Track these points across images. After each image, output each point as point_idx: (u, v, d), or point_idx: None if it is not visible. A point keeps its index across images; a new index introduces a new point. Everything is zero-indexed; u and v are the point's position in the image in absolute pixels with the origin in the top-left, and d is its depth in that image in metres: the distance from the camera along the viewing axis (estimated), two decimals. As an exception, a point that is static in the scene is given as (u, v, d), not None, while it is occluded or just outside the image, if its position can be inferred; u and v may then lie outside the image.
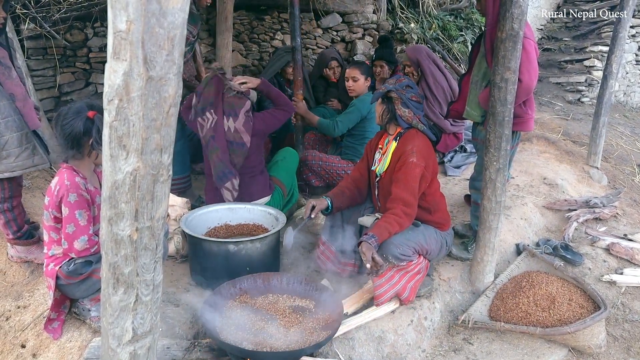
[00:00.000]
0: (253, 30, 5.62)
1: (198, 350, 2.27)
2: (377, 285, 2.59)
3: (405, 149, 2.69)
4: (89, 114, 2.15)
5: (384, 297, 2.61)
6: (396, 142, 2.79)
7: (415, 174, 2.62)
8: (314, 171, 4.00)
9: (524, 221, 3.76)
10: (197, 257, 2.86)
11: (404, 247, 2.56)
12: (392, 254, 2.52)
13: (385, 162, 2.81)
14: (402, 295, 2.66)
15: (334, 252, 2.98)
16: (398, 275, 2.63)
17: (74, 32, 4.05)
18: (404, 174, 2.62)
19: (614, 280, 3.26)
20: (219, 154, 3.25)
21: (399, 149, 2.75)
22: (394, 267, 2.59)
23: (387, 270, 2.57)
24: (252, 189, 3.36)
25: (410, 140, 2.72)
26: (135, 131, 1.21)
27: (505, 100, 2.68)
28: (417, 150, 2.66)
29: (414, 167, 2.62)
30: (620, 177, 4.97)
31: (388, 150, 2.82)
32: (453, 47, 7.01)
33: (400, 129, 2.79)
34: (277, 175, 3.61)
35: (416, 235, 2.66)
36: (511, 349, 2.71)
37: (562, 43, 7.49)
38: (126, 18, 1.10)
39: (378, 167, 2.86)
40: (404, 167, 2.64)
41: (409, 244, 2.59)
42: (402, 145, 2.74)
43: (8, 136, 2.48)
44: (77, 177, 2.21)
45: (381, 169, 2.83)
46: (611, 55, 4.60)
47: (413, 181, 2.61)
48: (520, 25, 2.55)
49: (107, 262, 1.37)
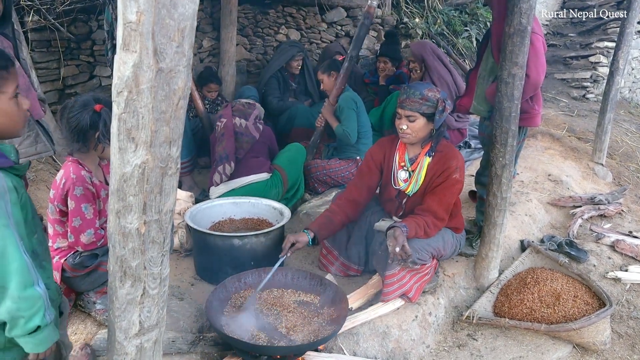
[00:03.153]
0: (257, 24, 5.59)
1: (203, 344, 2.27)
2: (388, 283, 2.57)
3: (450, 164, 2.57)
4: (96, 107, 2.14)
5: (391, 295, 2.61)
6: (429, 157, 2.63)
7: (455, 191, 2.60)
8: (319, 180, 3.98)
9: (528, 217, 3.75)
10: (201, 251, 2.86)
11: (423, 253, 2.56)
12: (411, 258, 2.47)
13: (418, 181, 2.65)
14: (409, 294, 2.65)
15: (337, 257, 2.97)
16: (409, 276, 2.62)
17: (78, 24, 4.03)
18: (444, 188, 2.57)
19: (619, 277, 3.24)
20: (225, 144, 3.53)
21: (436, 164, 2.61)
22: (406, 269, 2.58)
23: (399, 271, 2.56)
24: (251, 163, 3.57)
25: (451, 156, 2.60)
26: (144, 124, 1.20)
27: (512, 96, 2.66)
28: (461, 166, 2.60)
29: (455, 183, 2.58)
30: (626, 174, 4.95)
31: (421, 166, 2.64)
32: (458, 42, 6.98)
33: (432, 142, 2.63)
34: (279, 162, 3.72)
35: (436, 241, 2.64)
36: (515, 345, 2.71)
37: (568, 39, 7.45)
38: (136, 9, 1.09)
39: (410, 187, 2.68)
40: (446, 182, 2.56)
41: (428, 249, 2.59)
42: (441, 160, 2.60)
43: None
44: (82, 170, 2.20)
45: (414, 188, 2.68)
46: (618, 51, 4.58)
47: (451, 197, 2.59)
48: (529, 20, 2.53)
49: (115, 255, 1.37)
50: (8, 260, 1.28)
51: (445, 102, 2.55)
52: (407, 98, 2.54)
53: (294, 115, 4.75)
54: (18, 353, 1.42)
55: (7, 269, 1.28)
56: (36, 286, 1.33)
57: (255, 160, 3.59)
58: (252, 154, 3.61)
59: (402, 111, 2.56)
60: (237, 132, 3.60)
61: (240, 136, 3.59)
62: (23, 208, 1.38)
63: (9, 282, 1.29)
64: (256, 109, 3.75)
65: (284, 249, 2.63)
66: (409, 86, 2.59)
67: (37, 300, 1.33)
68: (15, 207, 1.34)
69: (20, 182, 1.39)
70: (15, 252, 1.29)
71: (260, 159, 3.62)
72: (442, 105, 2.53)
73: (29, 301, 1.31)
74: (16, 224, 1.33)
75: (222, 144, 3.56)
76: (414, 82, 2.65)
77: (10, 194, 1.31)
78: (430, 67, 4.25)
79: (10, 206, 1.31)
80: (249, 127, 3.62)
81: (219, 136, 3.62)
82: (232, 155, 3.51)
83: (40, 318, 1.34)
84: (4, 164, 1.33)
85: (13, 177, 1.36)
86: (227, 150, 3.51)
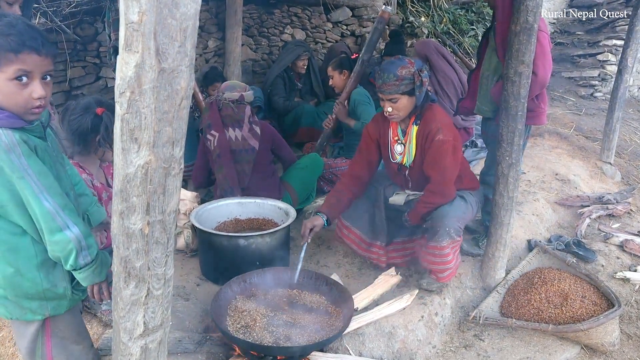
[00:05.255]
0: (262, 24, 5.60)
1: (209, 344, 2.28)
2: (448, 260, 2.65)
3: (430, 128, 2.58)
4: (97, 111, 2.13)
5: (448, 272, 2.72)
6: (416, 125, 2.65)
7: (444, 152, 2.56)
8: (325, 179, 3.97)
9: (535, 217, 3.72)
10: (207, 252, 2.86)
11: (462, 221, 2.63)
12: (454, 227, 2.55)
13: (411, 151, 2.69)
14: (448, 271, 2.74)
15: (358, 235, 2.96)
16: (452, 252, 2.68)
17: (84, 26, 4.06)
18: (434, 153, 2.57)
19: (628, 278, 3.21)
20: (224, 171, 3.26)
21: (420, 132, 2.64)
22: (452, 243, 2.63)
23: (446, 246, 2.60)
24: (261, 192, 3.32)
25: (429, 119, 2.61)
26: (147, 124, 1.19)
27: (518, 95, 2.64)
28: (443, 125, 2.58)
29: (442, 144, 2.55)
30: (634, 173, 4.90)
31: (410, 136, 2.68)
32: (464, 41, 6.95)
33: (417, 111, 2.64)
34: (291, 181, 3.58)
35: (466, 210, 2.70)
36: (523, 346, 2.68)
37: (575, 37, 7.39)
38: (138, 9, 1.08)
39: (405, 158, 2.72)
40: (432, 146, 2.56)
41: (465, 217, 2.66)
42: (422, 126, 2.62)
43: None
44: (84, 173, 2.20)
45: (409, 159, 2.71)
46: (626, 49, 4.53)
47: (444, 159, 2.57)
48: (535, 18, 2.51)
49: (119, 256, 1.36)
50: (32, 208, 1.43)
51: (421, 73, 2.54)
52: (383, 83, 2.54)
53: (299, 115, 4.75)
54: None
55: (35, 217, 1.44)
56: (66, 230, 1.47)
57: (262, 184, 3.35)
58: (259, 175, 3.34)
59: (383, 95, 2.58)
60: (234, 151, 3.26)
61: (240, 154, 3.27)
62: (42, 160, 1.48)
63: (41, 227, 1.45)
64: (247, 107, 3.34)
65: (304, 236, 2.69)
66: (381, 69, 2.56)
67: (67, 244, 1.47)
68: (31, 158, 1.43)
69: (40, 142, 1.50)
70: (34, 200, 1.42)
71: (268, 182, 3.37)
72: (419, 78, 2.53)
73: (59, 245, 1.47)
74: (38, 174, 1.43)
75: (221, 171, 3.25)
76: (386, 63, 2.61)
77: (20, 147, 1.41)
78: (435, 66, 4.23)
79: (24, 159, 1.41)
80: (246, 137, 3.27)
81: (215, 157, 3.28)
82: (237, 187, 3.26)
83: (74, 260, 1.49)
84: (14, 125, 1.42)
85: (30, 136, 1.47)
86: (230, 180, 3.25)
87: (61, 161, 1.67)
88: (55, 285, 1.62)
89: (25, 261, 1.56)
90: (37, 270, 1.58)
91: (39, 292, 1.60)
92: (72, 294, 1.67)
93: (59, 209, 1.46)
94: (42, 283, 1.59)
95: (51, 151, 1.58)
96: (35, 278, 1.58)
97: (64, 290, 1.65)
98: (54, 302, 1.65)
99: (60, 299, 1.66)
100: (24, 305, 1.62)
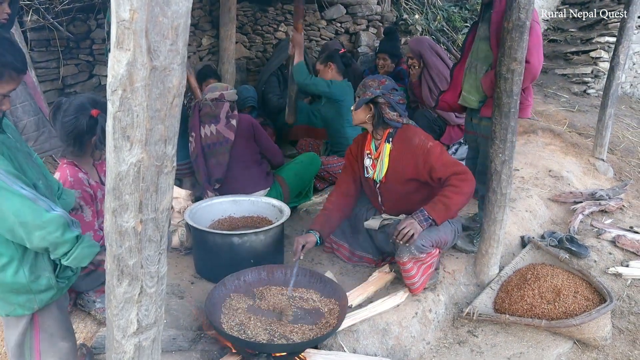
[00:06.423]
0: (257, 21, 5.58)
1: (204, 342, 2.28)
2: (411, 275, 2.65)
3: (415, 142, 2.70)
4: (93, 113, 2.09)
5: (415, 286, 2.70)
6: (389, 143, 2.76)
7: (440, 151, 2.68)
8: (317, 176, 3.97)
9: (529, 213, 3.74)
10: (201, 250, 2.86)
11: (426, 239, 2.59)
12: (415, 244, 2.54)
13: (382, 167, 2.78)
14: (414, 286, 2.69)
15: (347, 248, 3.03)
16: (416, 267, 2.65)
17: (77, 23, 4.03)
18: (434, 156, 2.65)
19: (620, 273, 3.24)
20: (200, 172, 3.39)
21: (397, 150, 2.74)
22: (413, 259, 2.60)
23: (407, 261, 2.59)
24: (244, 181, 3.36)
25: (412, 136, 2.73)
26: (139, 122, 1.19)
27: (511, 92, 2.65)
28: (425, 137, 2.72)
29: (435, 147, 2.68)
30: (627, 169, 4.94)
31: (382, 153, 2.78)
32: (458, 38, 6.96)
33: (390, 129, 2.77)
34: (283, 174, 3.59)
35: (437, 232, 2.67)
36: (516, 342, 2.70)
37: (568, 34, 7.41)
38: (129, 7, 1.08)
39: (376, 173, 2.82)
40: (429, 152, 2.65)
41: (430, 236, 2.62)
42: (401, 144, 2.74)
43: (26, 120, 2.50)
44: (79, 172, 2.18)
45: (379, 174, 2.81)
46: (618, 46, 4.56)
47: (444, 156, 2.67)
48: (527, 15, 2.52)
49: (112, 254, 1.36)
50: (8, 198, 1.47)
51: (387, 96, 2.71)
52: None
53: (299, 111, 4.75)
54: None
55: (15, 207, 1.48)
56: (52, 211, 1.54)
57: (245, 173, 3.38)
58: (240, 165, 3.36)
59: None
60: (208, 145, 3.32)
61: (214, 147, 3.31)
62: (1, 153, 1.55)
63: (25, 217, 1.49)
64: (225, 103, 3.34)
65: (296, 252, 2.68)
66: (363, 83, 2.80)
67: (59, 218, 1.54)
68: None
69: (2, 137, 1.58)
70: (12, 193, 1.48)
71: (251, 171, 3.40)
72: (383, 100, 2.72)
73: (52, 223, 1.52)
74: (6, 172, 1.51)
75: (199, 171, 3.39)
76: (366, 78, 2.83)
77: None
78: (429, 63, 4.24)
79: None
80: (221, 130, 3.30)
81: (194, 159, 3.41)
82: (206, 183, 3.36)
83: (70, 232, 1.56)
84: None
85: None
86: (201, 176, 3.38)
87: (26, 149, 1.71)
88: (39, 276, 1.66)
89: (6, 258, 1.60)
90: (19, 265, 1.61)
91: (24, 285, 1.64)
92: (57, 282, 1.71)
93: (37, 194, 1.53)
94: (26, 276, 1.63)
95: (11, 142, 1.62)
96: (18, 272, 1.61)
97: (47, 280, 1.68)
98: (41, 295, 1.69)
99: (47, 290, 1.69)
100: (12, 301, 1.65)
